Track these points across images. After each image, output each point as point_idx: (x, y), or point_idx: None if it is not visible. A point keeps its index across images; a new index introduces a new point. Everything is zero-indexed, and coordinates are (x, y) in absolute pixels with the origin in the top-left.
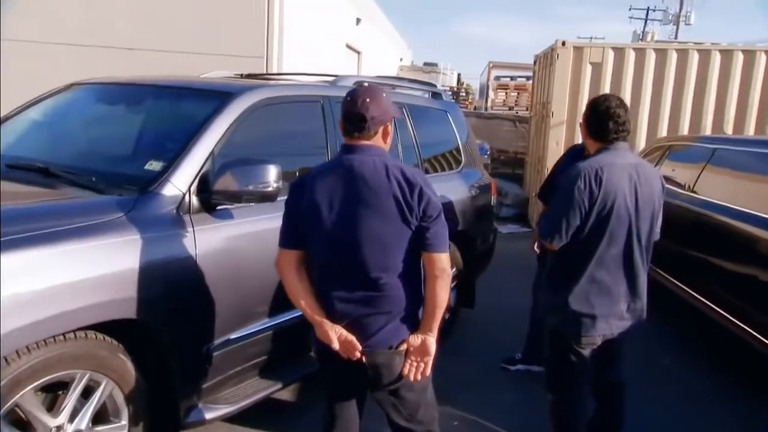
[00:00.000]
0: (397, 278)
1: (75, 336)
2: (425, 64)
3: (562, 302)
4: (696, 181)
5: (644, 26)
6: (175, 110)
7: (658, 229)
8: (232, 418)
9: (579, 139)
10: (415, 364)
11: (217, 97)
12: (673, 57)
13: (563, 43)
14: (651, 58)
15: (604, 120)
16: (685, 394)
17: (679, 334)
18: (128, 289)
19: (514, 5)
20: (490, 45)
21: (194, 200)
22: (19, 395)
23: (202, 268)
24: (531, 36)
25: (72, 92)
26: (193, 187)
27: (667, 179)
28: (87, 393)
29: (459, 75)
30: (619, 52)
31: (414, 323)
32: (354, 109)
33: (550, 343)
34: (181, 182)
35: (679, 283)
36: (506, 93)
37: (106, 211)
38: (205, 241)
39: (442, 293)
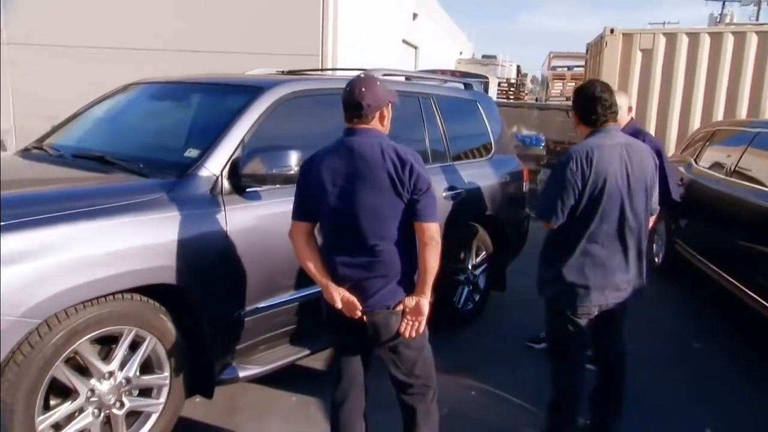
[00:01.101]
0: (393, 246)
1: (122, 297)
2: (483, 56)
3: (557, 274)
4: (736, 164)
5: (722, 8)
6: (212, 104)
7: (656, 205)
8: (263, 380)
9: None
10: (410, 323)
11: (250, 91)
12: (729, 40)
13: (612, 31)
14: (705, 43)
15: (592, 105)
16: (707, 375)
17: (708, 314)
18: (166, 258)
19: None
20: (559, 35)
21: (226, 183)
22: (77, 344)
23: (232, 242)
24: (602, 24)
25: (127, 92)
26: (225, 171)
27: (712, 164)
28: (135, 347)
29: (518, 67)
30: (671, 37)
31: (410, 286)
32: (351, 98)
33: (549, 315)
34: (214, 167)
35: (714, 267)
36: (563, 83)
37: (148, 191)
38: (235, 219)
39: (432, 259)
